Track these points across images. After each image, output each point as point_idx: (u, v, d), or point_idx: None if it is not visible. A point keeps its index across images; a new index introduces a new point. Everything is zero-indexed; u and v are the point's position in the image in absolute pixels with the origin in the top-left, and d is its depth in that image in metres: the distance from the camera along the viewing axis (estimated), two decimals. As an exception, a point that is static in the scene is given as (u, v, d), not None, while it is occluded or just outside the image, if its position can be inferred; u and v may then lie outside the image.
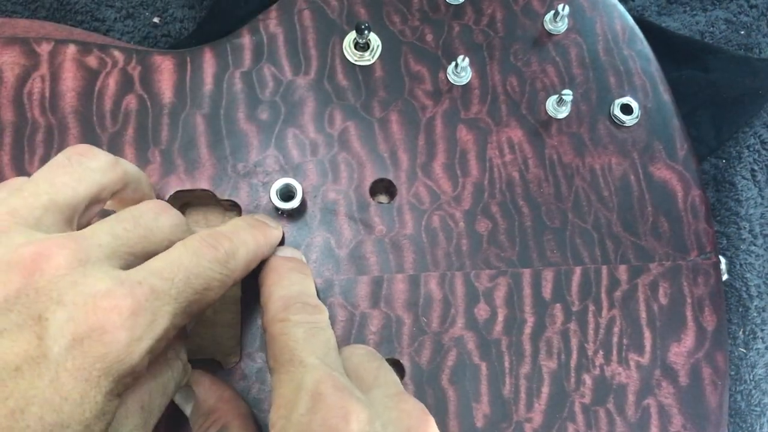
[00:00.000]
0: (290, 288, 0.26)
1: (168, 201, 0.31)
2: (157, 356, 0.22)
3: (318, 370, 0.22)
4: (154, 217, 0.24)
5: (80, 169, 0.23)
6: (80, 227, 0.24)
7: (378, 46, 0.34)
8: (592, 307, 0.32)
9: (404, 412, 0.23)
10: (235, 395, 0.28)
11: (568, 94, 0.32)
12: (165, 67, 0.32)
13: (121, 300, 0.20)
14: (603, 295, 0.32)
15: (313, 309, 0.25)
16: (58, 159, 0.23)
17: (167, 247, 0.23)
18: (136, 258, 0.22)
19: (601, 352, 0.31)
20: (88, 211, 0.24)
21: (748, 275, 0.42)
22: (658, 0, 0.49)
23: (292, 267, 0.27)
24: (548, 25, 0.35)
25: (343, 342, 0.30)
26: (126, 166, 0.25)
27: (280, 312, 0.25)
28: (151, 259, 0.22)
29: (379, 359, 0.27)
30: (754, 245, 0.42)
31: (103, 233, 0.22)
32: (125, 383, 0.20)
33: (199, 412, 0.27)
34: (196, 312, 0.23)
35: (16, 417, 0.18)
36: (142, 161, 0.31)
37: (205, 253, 0.23)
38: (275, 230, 0.28)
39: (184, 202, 0.33)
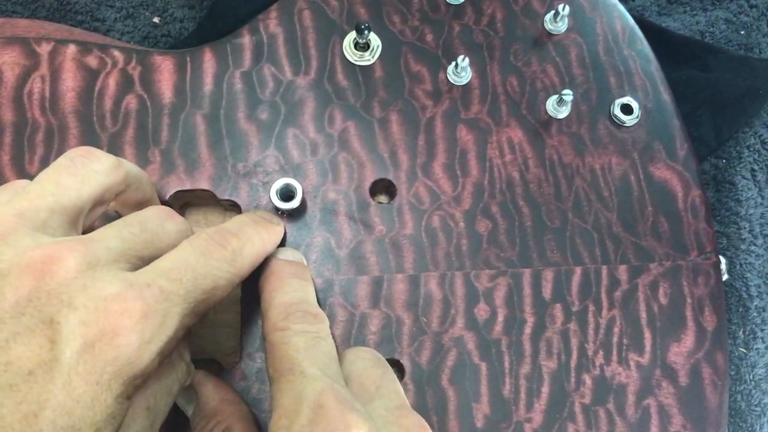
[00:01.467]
0: (291, 294, 0.26)
1: (168, 201, 0.31)
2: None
3: (319, 381, 0.22)
4: (160, 222, 0.24)
5: (84, 171, 0.23)
6: (84, 229, 0.23)
7: (378, 46, 0.34)
8: (592, 307, 0.32)
9: (404, 427, 0.23)
10: (237, 398, 0.28)
11: (568, 94, 0.32)
12: (165, 67, 0.32)
13: (131, 303, 0.20)
14: (603, 295, 0.32)
15: (314, 318, 0.25)
16: (61, 161, 0.23)
17: None
18: (143, 262, 0.22)
19: (601, 352, 0.31)
20: (92, 213, 0.24)
21: (748, 275, 0.42)
22: (658, 0, 0.49)
23: (293, 272, 0.27)
24: (548, 25, 0.35)
25: (343, 343, 0.30)
26: (128, 167, 0.25)
27: (280, 320, 0.25)
28: (159, 260, 0.22)
29: (383, 366, 0.26)
30: (754, 245, 0.42)
31: (111, 237, 0.22)
32: (135, 386, 0.20)
33: (201, 414, 0.27)
34: (203, 311, 0.23)
35: (30, 421, 0.18)
36: (142, 161, 0.31)
37: (212, 252, 0.23)
38: (278, 226, 0.28)
39: (184, 202, 0.33)
